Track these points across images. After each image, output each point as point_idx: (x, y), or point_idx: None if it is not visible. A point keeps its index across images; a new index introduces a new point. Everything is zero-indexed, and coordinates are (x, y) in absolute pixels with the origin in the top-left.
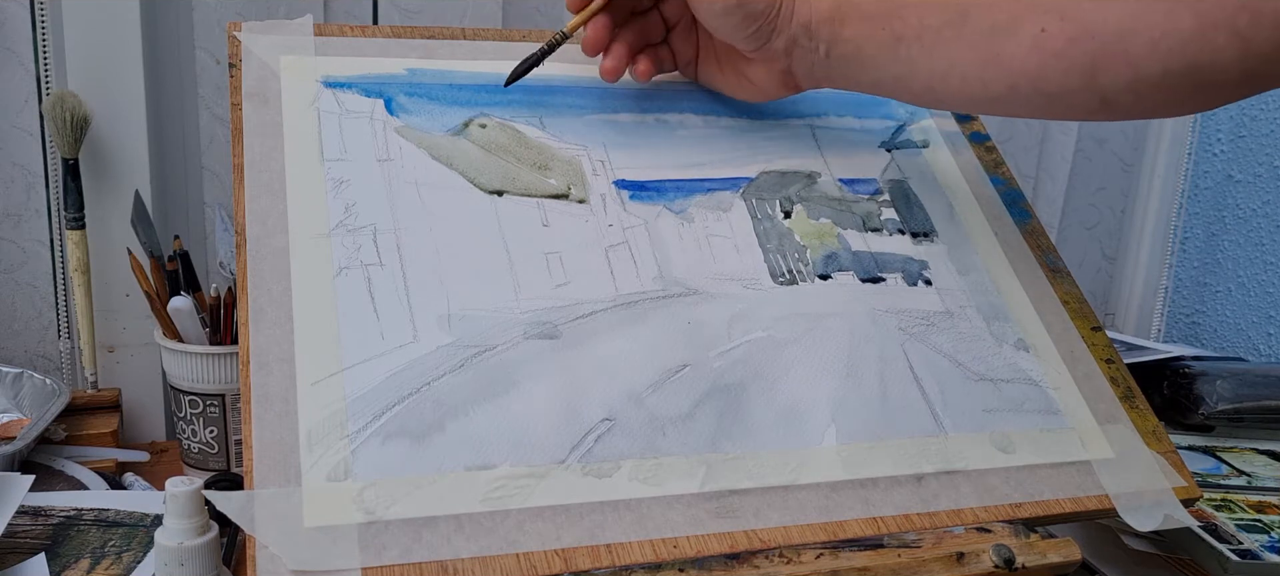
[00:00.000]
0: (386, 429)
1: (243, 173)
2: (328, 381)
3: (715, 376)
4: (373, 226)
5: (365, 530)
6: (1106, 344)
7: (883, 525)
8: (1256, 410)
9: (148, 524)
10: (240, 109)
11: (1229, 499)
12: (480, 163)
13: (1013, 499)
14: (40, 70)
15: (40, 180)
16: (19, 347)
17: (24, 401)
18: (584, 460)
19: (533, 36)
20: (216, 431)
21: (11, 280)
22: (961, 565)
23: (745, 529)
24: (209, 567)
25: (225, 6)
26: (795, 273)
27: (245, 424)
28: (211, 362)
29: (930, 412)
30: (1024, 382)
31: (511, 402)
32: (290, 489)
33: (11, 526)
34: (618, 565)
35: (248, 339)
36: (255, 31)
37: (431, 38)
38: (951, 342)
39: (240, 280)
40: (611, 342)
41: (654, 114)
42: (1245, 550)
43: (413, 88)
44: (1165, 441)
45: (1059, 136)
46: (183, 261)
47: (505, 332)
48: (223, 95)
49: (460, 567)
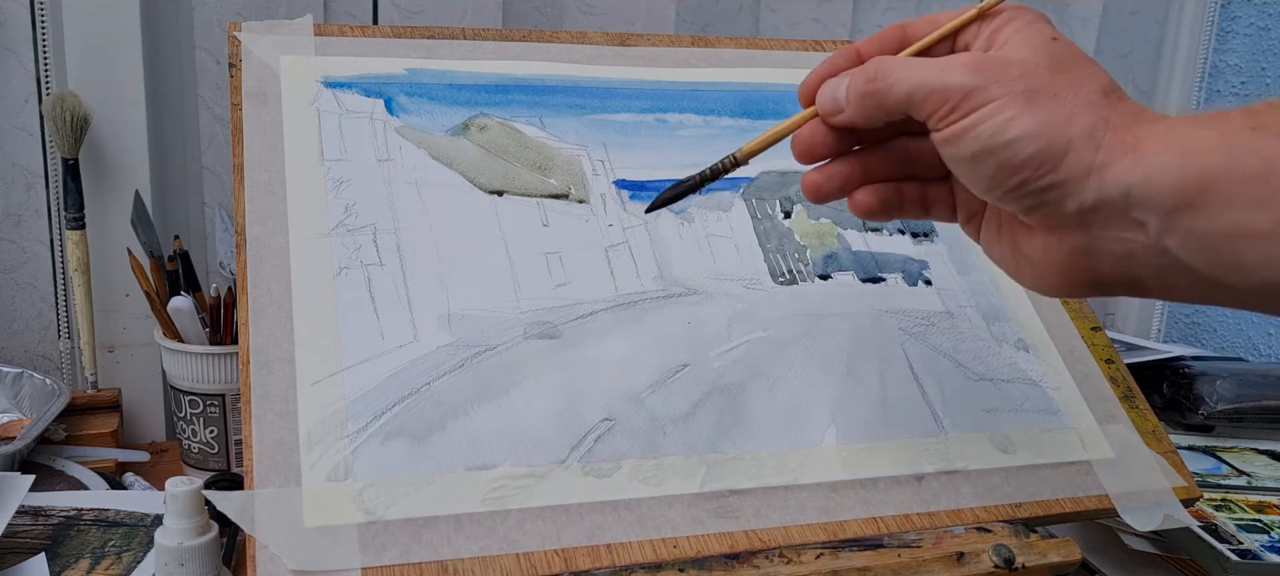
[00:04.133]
0: (386, 429)
1: (243, 173)
2: (328, 381)
3: (715, 376)
4: (373, 226)
5: (365, 530)
6: (1106, 344)
7: (883, 525)
8: (1256, 410)
9: (148, 524)
10: (240, 109)
11: (1229, 499)
12: (480, 163)
13: (1013, 499)
14: (40, 70)
15: (40, 180)
16: (19, 347)
17: (24, 401)
18: (584, 460)
19: (532, 36)
20: (216, 431)
21: (11, 280)
22: (961, 565)
23: (745, 529)
24: (209, 567)
25: (225, 6)
26: (795, 272)
27: (245, 424)
28: (211, 362)
29: (930, 412)
30: (1024, 382)
31: (511, 402)
32: (290, 489)
33: (11, 526)
34: (618, 565)
35: (248, 339)
36: (255, 31)
37: (431, 38)
38: (952, 342)
39: (240, 280)
40: (611, 343)
41: (654, 114)
42: (1245, 550)
43: (413, 88)
44: (1165, 441)
45: None
46: (183, 261)
47: (505, 332)
48: (223, 95)
49: (460, 567)
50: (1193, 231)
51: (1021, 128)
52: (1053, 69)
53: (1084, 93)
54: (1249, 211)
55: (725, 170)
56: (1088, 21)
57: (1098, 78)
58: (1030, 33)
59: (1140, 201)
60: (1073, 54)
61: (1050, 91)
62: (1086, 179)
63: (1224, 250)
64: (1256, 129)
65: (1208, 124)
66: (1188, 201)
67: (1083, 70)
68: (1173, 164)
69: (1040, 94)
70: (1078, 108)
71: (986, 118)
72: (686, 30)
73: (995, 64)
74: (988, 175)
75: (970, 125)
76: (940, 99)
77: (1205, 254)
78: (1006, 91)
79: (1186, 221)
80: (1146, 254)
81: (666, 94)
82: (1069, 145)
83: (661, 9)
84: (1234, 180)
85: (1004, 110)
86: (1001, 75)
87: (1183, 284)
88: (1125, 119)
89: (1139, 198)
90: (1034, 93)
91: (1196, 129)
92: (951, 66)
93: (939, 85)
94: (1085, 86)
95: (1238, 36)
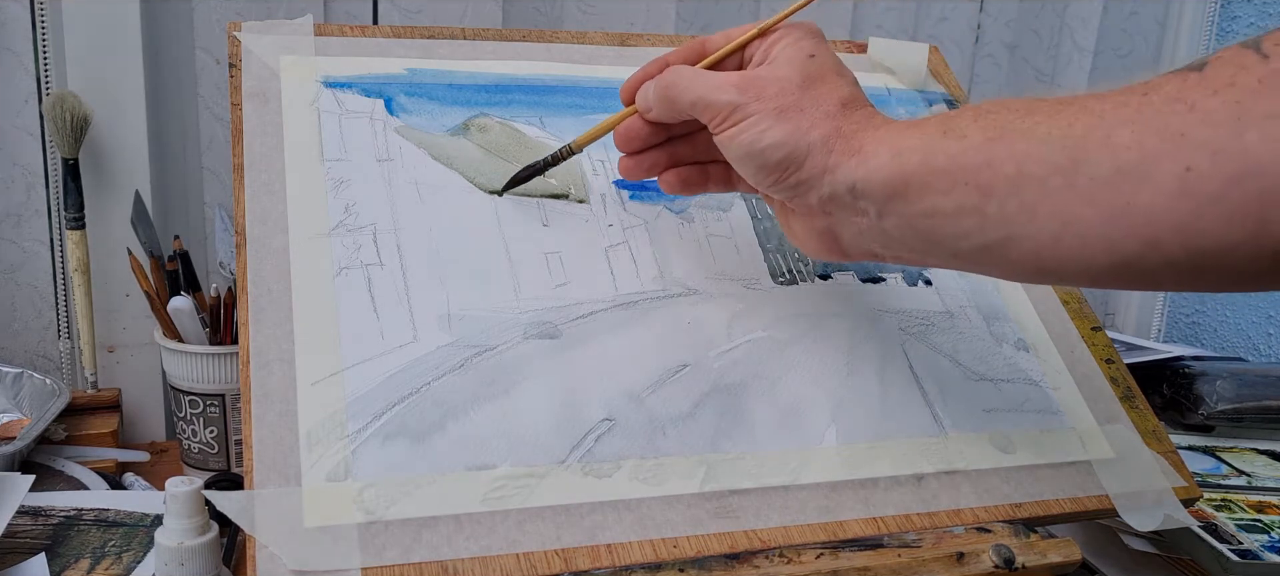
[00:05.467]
0: (386, 429)
1: (243, 173)
2: (328, 381)
3: (715, 376)
4: (373, 226)
5: (365, 530)
6: (1106, 344)
7: (883, 525)
8: (1256, 410)
9: (148, 524)
10: (240, 109)
11: (1229, 499)
12: (480, 163)
13: (1013, 499)
14: (40, 70)
15: (40, 180)
16: (19, 347)
17: (24, 401)
18: (584, 460)
19: (532, 36)
20: (216, 431)
21: (11, 280)
22: (961, 565)
23: (745, 529)
24: (209, 567)
25: (225, 6)
26: (795, 272)
27: (245, 424)
28: (211, 362)
29: (930, 412)
30: (1024, 382)
31: (511, 402)
32: (290, 489)
33: (11, 526)
34: (618, 565)
35: (248, 339)
36: (255, 31)
37: (431, 38)
38: (951, 342)
39: (240, 280)
40: (611, 342)
41: None
42: (1245, 550)
43: (413, 88)
44: (1165, 441)
45: None
46: (183, 261)
47: (505, 332)
48: (223, 95)
49: (460, 567)
50: (902, 215)
51: (772, 138)
52: (803, 86)
53: (825, 106)
54: (938, 198)
55: (563, 157)
56: (1088, 21)
57: (839, 91)
58: (793, 50)
59: (862, 193)
60: (823, 70)
61: (797, 107)
62: (822, 177)
63: (924, 228)
64: (947, 133)
65: (915, 128)
66: (896, 192)
67: (827, 85)
68: (885, 163)
69: (789, 110)
70: (817, 120)
71: (746, 129)
72: (686, 30)
73: (757, 83)
74: (751, 171)
75: (734, 133)
76: (714, 111)
77: (912, 232)
78: (762, 108)
79: (897, 207)
80: (873, 232)
81: None
82: (809, 150)
83: (661, 9)
84: (927, 173)
85: (759, 123)
86: (760, 93)
87: (903, 253)
88: (854, 126)
89: (861, 190)
90: (784, 110)
91: (906, 134)
92: (724, 84)
93: (712, 100)
94: (826, 100)
95: (1238, 36)
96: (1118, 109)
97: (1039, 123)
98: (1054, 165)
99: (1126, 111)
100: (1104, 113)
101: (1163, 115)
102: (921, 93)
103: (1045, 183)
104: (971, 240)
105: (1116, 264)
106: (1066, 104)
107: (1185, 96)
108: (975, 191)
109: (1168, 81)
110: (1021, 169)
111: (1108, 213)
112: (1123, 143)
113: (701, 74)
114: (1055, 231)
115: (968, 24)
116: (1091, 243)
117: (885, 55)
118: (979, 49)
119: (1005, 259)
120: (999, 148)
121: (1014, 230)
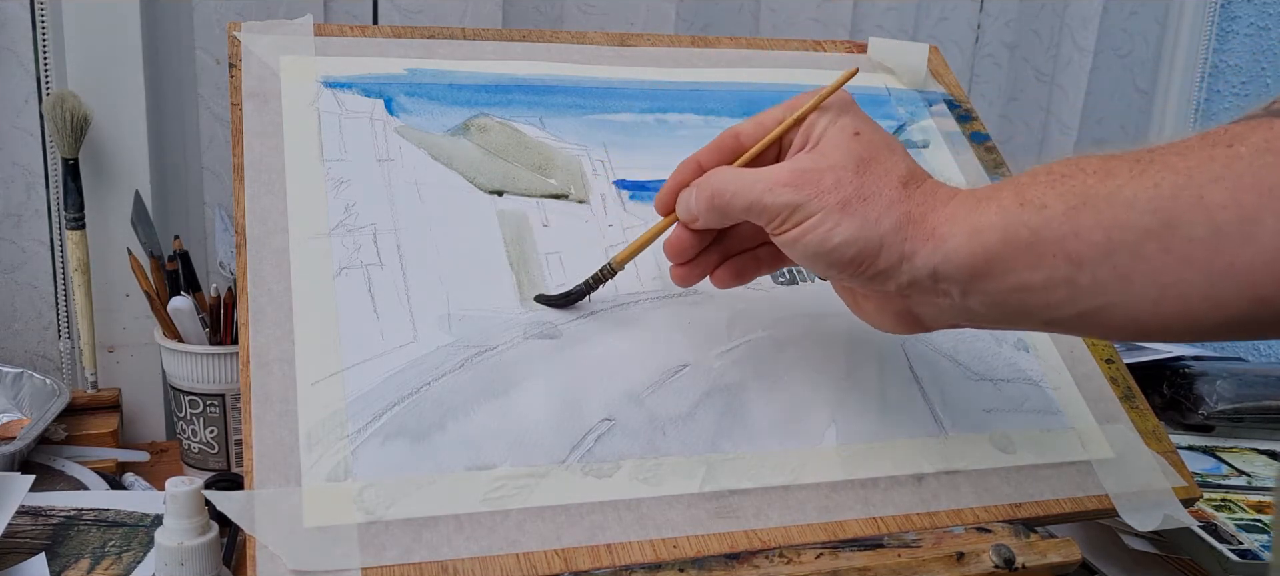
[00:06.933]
0: (386, 429)
1: (243, 173)
2: (328, 381)
3: (715, 376)
4: (373, 226)
5: (365, 530)
6: (1106, 344)
7: (883, 525)
8: (1256, 410)
9: (148, 524)
10: (240, 109)
11: (1229, 499)
12: (480, 163)
13: (1013, 499)
14: (40, 70)
15: (40, 180)
16: (19, 347)
17: (24, 401)
18: (584, 460)
19: (532, 36)
20: (216, 431)
21: (11, 280)
22: (961, 565)
23: (745, 529)
24: (209, 567)
25: (225, 6)
26: (795, 273)
27: (245, 424)
28: (211, 362)
29: (930, 412)
30: (1024, 382)
31: (511, 402)
32: (290, 489)
33: (11, 526)
34: (618, 565)
35: (248, 339)
36: (255, 31)
37: (431, 38)
38: (951, 342)
39: (240, 280)
40: (611, 342)
41: (654, 114)
42: (1245, 550)
43: (413, 88)
44: (1165, 441)
45: (1058, 137)
46: (183, 261)
47: (505, 332)
48: (223, 95)
49: (460, 567)
50: (986, 293)
51: (841, 236)
52: (858, 171)
53: (887, 191)
54: (1026, 273)
55: (604, 278)
56: (1088, 21)
57: (896, 169)
58: (837, 133)
59: (943, 277)
60: (874, 148)
61: (859, 196)
62: (900, 266)
63: (1012, 303)
64: (1024, 204)
65: (989, 201)
66: (979, 271)
67: (882, 165)
68: (964, 244)
69: (851, 202)
70: (882, 208)
71: (811, 230)
72: (686, 30)
73: (812, 177)
74: (821, 269)
75: (798, 236)
76: (772, 215)
77: (999, 308)
78: (823, 205)
79: (981, 286)
80: (956, 310)
81: (666, 94)
82: (882, 242)
83: (661, 9)
84: (1011, 250)
85: (824, 222)
86: (818, 187)
87: (988, 324)
88: (922, 207)
89: (942, 274)
90: (846, 202)
91: (980, 209)
92: (777, 186)
93: (768, 204)
94: (887, 183)
95: (1238, 36)
96: (1205, 164)
97: (1122, 186)
98: (1145, 230)
99: (1214, 167)
100: (1190, 170)
101: (1255, 169)
102: (921, 93)
103: (1138, 249)
104: (1064, 310)
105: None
106: (1146, 162)
107: (1274, 147)
108: (1065, 263)
109: (1253, 131)
110: (1110, 237)
111: (1210, 274)
112: (1218, 201)
113: (747, 175)
114: (1155, 296)
115: (968, 24)
116: (1195, 304)
117: (885, 55)
118: (979, 49)
119: (1102, 324)
120: (1084, 216)
121: (1110, 298)
